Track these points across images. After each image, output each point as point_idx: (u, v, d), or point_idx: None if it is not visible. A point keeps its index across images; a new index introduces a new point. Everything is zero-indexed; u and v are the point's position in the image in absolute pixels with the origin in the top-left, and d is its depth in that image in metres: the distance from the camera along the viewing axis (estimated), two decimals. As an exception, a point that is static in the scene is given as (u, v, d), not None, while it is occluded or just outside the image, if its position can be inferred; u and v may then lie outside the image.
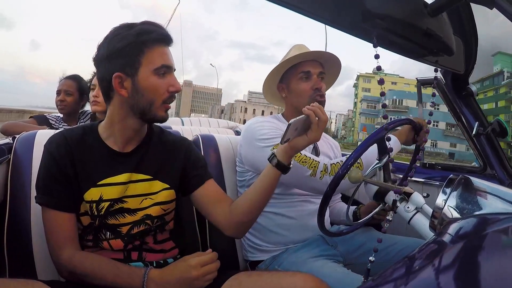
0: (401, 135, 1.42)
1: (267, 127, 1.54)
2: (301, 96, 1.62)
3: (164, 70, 1.09)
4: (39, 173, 1.11)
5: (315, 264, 1.41)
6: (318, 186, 1.40)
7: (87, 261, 1.06)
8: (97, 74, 1.13)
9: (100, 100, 2.24)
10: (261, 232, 1.60)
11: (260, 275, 1.10)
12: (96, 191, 1.10)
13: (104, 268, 1.05)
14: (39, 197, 1.09)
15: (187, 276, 1.03)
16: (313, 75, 1.61)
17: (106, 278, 1.04)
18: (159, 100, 1.10)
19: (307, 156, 1.43)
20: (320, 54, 1.63)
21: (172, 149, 1.26)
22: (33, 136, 1.44)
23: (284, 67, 1.65)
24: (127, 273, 1.05)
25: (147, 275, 1.03)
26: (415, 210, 1.16)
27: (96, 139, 1.15)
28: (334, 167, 1.39)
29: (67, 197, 1.09)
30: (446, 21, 1.00)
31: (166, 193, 1.21)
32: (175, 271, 1.04)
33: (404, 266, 0.54)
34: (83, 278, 1.05)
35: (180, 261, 1.07)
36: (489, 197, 0.82)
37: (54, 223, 1.08)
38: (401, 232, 1.76)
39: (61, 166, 1.08)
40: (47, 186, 1.09)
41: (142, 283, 1.02)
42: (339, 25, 0.83)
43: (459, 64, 1.39)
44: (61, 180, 1.09)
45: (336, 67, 1.76)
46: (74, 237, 1.10)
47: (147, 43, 1.07)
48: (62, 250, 1.06)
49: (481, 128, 1.67)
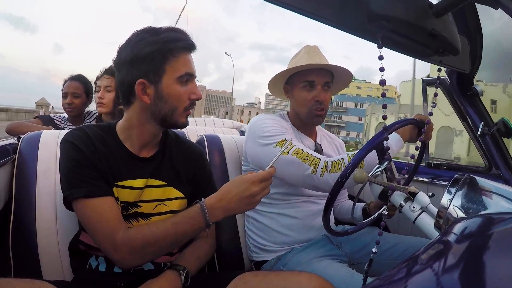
0: (404, 133, 1.40)
1: (270, 124, 1.53)
2: (302, 105, 1.61)
3: (187, 78, 1.10)
4: (65, 169, 1.05)
5: (320, 264, 1.41)
6: (318, 184, 1.39)
7: (143, 228, 1.04)
8: (117, 77, 1.13)
9: (105, 101, 2.24)
10: (266, 232, 1.60)
11: (266, 275, 1.10)
12: (114, 191, 1.09)
13: (161, 224, 1.04)
14: (77, 191, 1.02)
15: (248, 193, 1.02)
16: (317, 86, 1.58)
17: (168, 231, 1.02)
18: (181, 107, 1.11)
19: (308, 153, 1.42)
20: (326, 66, 1.60)
21: (187, 157, 1.27)
22: (38, 136, 1.43)
23: (289, 72, 1.64)
24: (184, 215, 1.05)
25: (205, 205, 1.03)
26: (420, 209, 1.16)
27: (115, 139, 1.15)
28: (335, 165, 1.38)
29: (104, 182, 1.07)
30: (451, 21, 1.00)
31: (180, 202, 1.22)
32: (233, 190, 1.04)
33: (409, 266, 0.54)
34: (147, 248, 1.02)
35: (236, 180, 1.06)
36: (494, 197, 0.83)
37: (102, 211, 1.02)
38: (406, 232, 1.76)
39: (90, 157, 1.06)
40: (82, 177, 1.04)
41: (204, 215, 1.02)
42: (343, 26, 0.83)
43: (465, 63, 1.39)
44: (94, 168, 1.06)
45: (346, 78, 1.72)
46: (122, 218, 1.07)
47: (173, 51, 1.06)
48: (116, 233, 1.01)
49: (486, 128, 1.67)
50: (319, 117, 1.61)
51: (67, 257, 1.25)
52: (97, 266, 1.13)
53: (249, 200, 1.03)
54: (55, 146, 1.40)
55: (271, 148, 1.45)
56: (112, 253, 1.02)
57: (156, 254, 1.08)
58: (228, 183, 1.08)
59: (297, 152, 1.41)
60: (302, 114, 1.63)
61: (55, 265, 1.29)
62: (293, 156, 1.40)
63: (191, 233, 1.06)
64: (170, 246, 1.07)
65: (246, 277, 1.10)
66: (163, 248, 1.05)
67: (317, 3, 0.78)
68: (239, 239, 1.69)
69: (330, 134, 1.89)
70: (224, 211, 1.04)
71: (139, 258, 1.04)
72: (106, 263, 1.13)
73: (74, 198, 1.03)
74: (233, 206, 1.03)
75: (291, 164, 1.40)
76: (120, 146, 1.14)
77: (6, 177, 1.36)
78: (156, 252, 1.06)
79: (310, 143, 1.69)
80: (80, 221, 1.11)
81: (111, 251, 1.02)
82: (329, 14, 0.80)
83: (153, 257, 1.09)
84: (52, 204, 1.32)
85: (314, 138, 1.74)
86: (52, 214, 1.31)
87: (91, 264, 1.13)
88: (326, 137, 1.83)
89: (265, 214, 1.62)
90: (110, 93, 2.24)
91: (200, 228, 1.04)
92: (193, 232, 1.05)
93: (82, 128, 1.12)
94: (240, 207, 1.04)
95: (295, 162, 1.40)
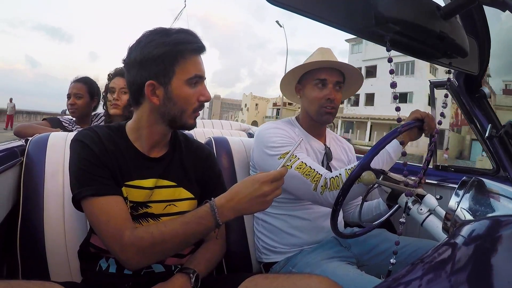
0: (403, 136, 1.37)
1: (277, 134, 1.54)
2: (312, 103, 1.61)
3: (196, 80, 1.10)
4: (75, 168, 1.05)
5: (329, 265, 1.41)
6: (319, 201, 1.40)
7: (151, 227, 1.02)
8: (127, 77, 1.13)
9: (121, 103, 2.22)
10: (275, 234, 1.61)
11: (276, 277, 1.09)
12: (123, 190, 1.09)
13: (169, 223, 1.03)
14: (86, 189, 1.02)
15: (259, 193, 1.00)
16: (328, 84, 1.58)
17: (177, 230, 1.01)
18: (190, 109, 1.11)
19: (311, 168, 1.42)
20: (337, 64, 1.60)
21: (196, 158, 1.28)
22: (46, 138, 1.44)
23: (301, 71, 1.65)
24: (194, 215, 1.03)
25: (215, 205, 1.01)
26: (428, 212, 1.16)
27: (125, 140, 1.15)
28: (333, 182, 1.37)
29: (113, 181, 1.07)
30: (459, 23, 1.00)
31: (190, 203, 1.22)
32: (243, 190, 1.02)
33: (417, 268, 0.55)
34: (155, 248, 1.00)
35: (247, 180, 1.04)
36: (502, 199, 0.83)
37: (110, 209, 1.02)
38: (414, 234, 1.76)
39: (100, 156, 1.06)
40: (91, 175, 1.04)
41: (214, 215, 1.00)
42: (351, 29, 0.83)
43: (473, 65, 1.38)
44: (104, 167, 1.06)
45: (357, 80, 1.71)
46: (130, 217, 1.06)
47: (183, 53, 1.07)
48: (124, 232, 0.99)
49: (494, 130, 1.66)
50: (329, 115, 1.60)
51: (75, 259, 1.24)
52: (107, 268, 1.13)
53: (260, 200, 1.01)
54: (63, 148, 1.41)
55: (276, 160, 1.46)
56: (119, 253, 1.01)
57: (164, 254, 1.08)
58: (238, 183, 1.06)
59: (300, 167, 1.41)
60: (312, 111, 1.63)
61: (63, 266, 1.29)
62: (295, 171, 1.41)
63: (201, 233, 1.05)
64: (179, 246, 1.05)
65: (256, 279, 1.09)
66: (171, 248, 1.04)
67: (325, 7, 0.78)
68: (247, 241, 1.69)
69: (339, 138, 1.89)
70: (235, 211, 1.02)
71: (146, 258, 1.02)
72: (116, 265, 1.12)
73: (83, 197, 1.03)
74: (244, 206, 1.01)
75: (294, 178, 1.41)
76: (130, 146, 1.14)
77: (14, 179, 1.37)
78: (164, 252, 1.05)
79: (320, 146, 1.69)
80: (88, 221, 1.11)
81: (118, 251, 1.01)
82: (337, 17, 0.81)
83: (160, 257, 1.08)
84: (60, 206, 1.33)
85: (324, 141, 1.74)
86: (60, 216, 1.32)
87: (101, 266, 1.13)
88: (335, 140, 1.83)
89: (275, 215, 1.62)
90: (126, 94, 2.23)
91: (210, 228, 1.02)
92: (202, 232, 1.04)
93: (92, 128, 1.12)
94: (251, 207, 1.02)
95: (297, 177, 1.40)
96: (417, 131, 1.40)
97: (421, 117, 1.36)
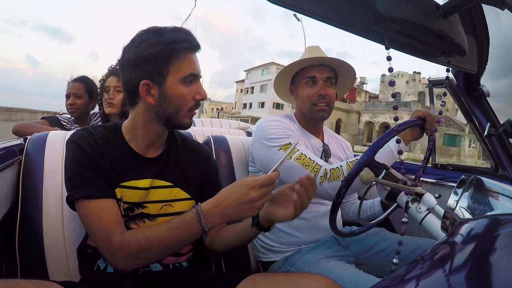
0: (405, 135, 1.38)
1: (276, 126, 1.54)
2: (305, 101, 1.62)
3: (191, 79, 1.09)
4: (69, 169, 1.05)
5: (328, 264, 1.41)
6: (319, 192, 1.38)
7: (138, 232, 1.01)
8: (122, 77, 1.12)
9: (115, 102, 2.22)
10: (274, 233, 1.61)
11: (275, 276, 1.09)
12: (118, 191, 1.09)
13: (156, 228, 1.01)
14: (78, 192, 1.02)
15: (246, 199, 0.96)
16: (319, 81, 1.59)
17: (163, 236, 0.99)
18: (185, 108, 1.10)
19: (311, 159, 1.42)
20: (326, 59, 1.60)
21: (193, 158, 1.27)
22: (45, 137, 1.43)
23: (291, 71, 1.66)
24: (180, 220, 1.00)
25: (200, 211, 0.98)
26: (427, 210, 1.16)
27: (121, 140, 1.14)
28: (333, 173, 1.37)
29: (106, 183, 1.06)
30: (458, 21, 1.00)
31: (187, 203, 1.20)
32: (231, 195, 0.98)
33: (416, 267, 0.55)
34: (142, 253, 0.99)
35: (235, 184, 1.00)
36: (500, 198, 0.83)
37: (101, 212, 1.01)
38: (413, 233, 1.76)
39: (93, 158, 1.05)
40: (84, 178, 1.03)
41: (199, 220, 0.97)
42: (350, 28, 0.83)
43: (472, 64, 1.38)
44: (96, 169, 1.05)
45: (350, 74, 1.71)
46: (121, 220, 1.05)
47: (177, 52, 1.06)
48: (113, 236, 0.99)
49: (493, 129, 1.66)
50: (322, 112, 1.61)
51: (73, 258, 1.24)
52: (105, 268, 1.12)
53: (248, 206, 0.96)
54: (61, 147, 1.40)
55: (275, 151, 1.46)
56: (108, 256, 1.01)
57: (152, 259, 1.06)
58: (227, 187, 1.02)
59: (300, 158, 1.41)
60: (306, 110, 1.64)
61: (62, 265, 1.28)
62: (295, 161, 1.40)
63: (187, 239, 1.02)
64: (166, 251, 1.04)
65: (255, 278, 1.09)
66: (158, 253, 1.02)
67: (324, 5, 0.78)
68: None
69: (337, 135, 1.89)
70: (222, 217, 0.99)
71: (134, 263, 1.01)
72: None
73: (75, 199, 1.03)
74: (231, 212, 0.97)
75: (293, 169, 1.40)
76: (126, 146, 1.14)
77: (13, 178, 1.36)
78: (151, 257, 1.03)
79: (318, 143, 1.69)
80: (81, 222, 1.11)
81: (107, 254, 1.01)
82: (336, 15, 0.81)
83: (148, 261, 1.07)
84: (59, 205, 1.32)
85: (322, 138, 1.74)
86: (59, 214, 1.31)
87: (99, 266, 1.13)
88: (333, 138, 1.83)
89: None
90: (120, 93, 2.23)
91: (196, 234, 1.00)
92: (188, 238, 1.02)
93: (87, 129, 1.12)
94: (239, 212, 0.98)
95: (296, 167, 1.40)
96: (419, 130, 1.40)
97: (424, 116, 1.35)
